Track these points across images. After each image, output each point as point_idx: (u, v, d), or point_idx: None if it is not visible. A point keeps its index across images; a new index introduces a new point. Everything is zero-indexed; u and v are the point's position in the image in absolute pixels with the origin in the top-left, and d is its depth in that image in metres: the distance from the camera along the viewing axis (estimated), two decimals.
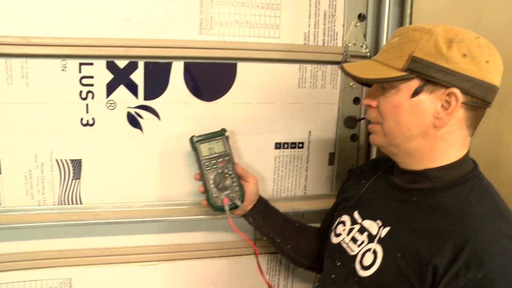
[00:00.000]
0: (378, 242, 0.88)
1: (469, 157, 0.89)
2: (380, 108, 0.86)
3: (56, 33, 1.03)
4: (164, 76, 1.11)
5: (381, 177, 1.00)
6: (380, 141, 0.89)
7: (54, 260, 1.16)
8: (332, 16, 1.20)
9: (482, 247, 0.74)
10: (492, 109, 0.97)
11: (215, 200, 1.07)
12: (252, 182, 1.10)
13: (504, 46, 0.94)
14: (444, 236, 0.78)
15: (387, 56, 0.85)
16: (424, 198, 0.86)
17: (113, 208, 1.15)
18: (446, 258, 0.75)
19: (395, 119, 0.85)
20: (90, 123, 1.10)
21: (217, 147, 1.09)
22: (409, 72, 0.81)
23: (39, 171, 1.10)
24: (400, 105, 0.83)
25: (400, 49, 0.83)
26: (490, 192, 0.84)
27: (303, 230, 1.17)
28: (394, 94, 0.84)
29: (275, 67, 1.18)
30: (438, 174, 0.86)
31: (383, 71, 0.83)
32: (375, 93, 0.88)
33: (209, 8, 1.11)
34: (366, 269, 0.87)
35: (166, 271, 1.23)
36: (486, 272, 0.71)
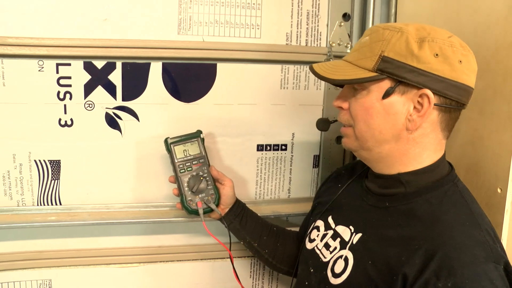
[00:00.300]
0: (350, 249, 0.86)
1: (444, 161, 0.86)
2: (351, 110, 0.83)
3: (32, 33, 1.03)
4: (143, 77, 1.10)
5: (356, 181, 0.97)
6: (352, 144, 0.86)
7: (33, 261, 1.16)
8: (315, 16, 1.17)
9: (453, 255, 0.71)
10: (472, 112, 0.95)
11: (189, 203, 1.06)
12: (228, 185, 1.08)
13: (483, 47, 0.92)
14: (415, 243, 0.75)
15: (357, 56, 0.82)
16: (397, 203, 0.83)
17: (92, 209, 1.14)
18: (416, 267, 0.72)
19: (366, 122, 0.82)
20: (69, 124, 1.09)
21: (192, 149, 1.08)
22: (379, 72, 0.78)
23: (18, 172, 1.10)
24: (371, 107, 0.80)
25: (370, 49, 0.80)
26: (464, 197, 0.81)
27: (281, 235, 1.15)
28: (364, 96, 0.81)
29: (256, 67, 1.16)
30: (411, 179, 0.83)
31: (353, 71, 0.80)
32: (346, 95, 0.85)
33: (188, 8, 1.09)
34: (337, 276, 0.85)
35: (147, 273, 1.22)
36: (455, 281, 0.68)
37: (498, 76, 0.89)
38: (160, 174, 1.16)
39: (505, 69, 0.87)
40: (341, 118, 0.87)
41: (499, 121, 0.89)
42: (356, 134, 0.84)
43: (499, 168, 0.89)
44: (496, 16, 0.89)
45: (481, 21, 0.92)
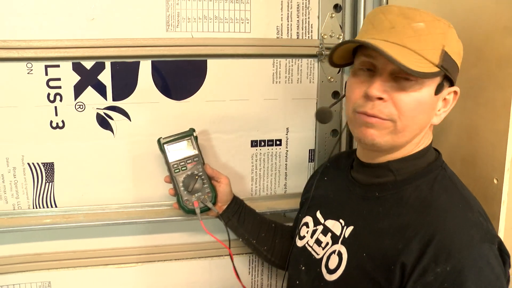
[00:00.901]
0: (342, 243, 0.84)
1: (431, 147, 0.85)
2: (398, 102, 0.75)
3: (20, 36, 1.02)
4: (132, 76, 1.09)
5: (342, 174, 0.96)
6: (383, 139, 0.78)
7: (32, 264, 1.16)
8: (306, 8, 1.15)
9: (449, 239, 0.70)
10: (467, 101, 0.93)
11: (186, 203, 1.05)
12: (224, 183, 1.07)
13: (476, 33, 0.89)
14: (410, 231, 0.74)
15: (420, 45, 0.74)
16: (387, 192, 0.82)
17: (87, 211, 1.14)
18: (413, 254, 0.72)
19: (415, 117, 0.77)
20: (60, 125, 1.09)
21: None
22: (441, 68, 0.75)
23: (12, 175, 1.10)
24: (424, 102, 0.77)
25: (431, 40, 0.74)
26: (453, 181, 0.81)
27: (279, 231, 1.14)
28: (417, 89, 0.75)
29: (247, 62, 1.14)
30: (400, 166, 0.82)
31: (420, 63, 0.73)
32: (385, 84, 0.76)
33: (176, 4, 1.08)
34: (332, 272, 0.83)
35: (145, 272, 1.22)
36: (454, 264, 0.68)
37: (491, 63, 0.86)
38: (154, 173, 1.15)
39: (498, 55, 0.84)
40: (379, 111, 0.76)
41: (494, 110, 0.86)
42: (397, 128, 0.77)
43: (495, 159, 0.86)
44: (487, 1, 0.86)
45: (473, 6, 0.90)
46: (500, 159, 0.85)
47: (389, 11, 0.77)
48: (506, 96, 0.82)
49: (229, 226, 1.09)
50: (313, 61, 1.18)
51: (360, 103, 0.78)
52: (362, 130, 0.79)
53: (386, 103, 0.76)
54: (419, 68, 0.71)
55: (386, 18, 0.76)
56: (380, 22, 0.76)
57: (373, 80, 0.76)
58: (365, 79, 0.79)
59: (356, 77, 0.81)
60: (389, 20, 0.76)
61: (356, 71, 0.81)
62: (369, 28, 0.78)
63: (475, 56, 0.90)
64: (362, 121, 0.78)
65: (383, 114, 0.76)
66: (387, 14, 0.76)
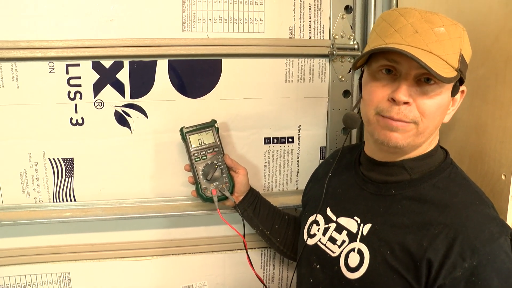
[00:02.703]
0: (361, 241, 0.85)
1: (439, 145, 0.89)
2: (421, 106, 0.78)
3: (43, 36, 1.06)
4: (150, 74, 1.13)
5: (348, 170, 0.98)
6: (406, 141, 0.80)
7: (52, 255, 1.20)
8: (318, 9, 1.18)
9: (473, 235, 0.74)
10: (475, 99, 0.95)
11: (204, 191, 1.09)
12: (242, 174, 1.11)
13: (484, 34, 0.91)
14: (434, 228, 0.77)
15: (442, 50, 0.76)
16: (404, 190, 0.84)
17: (105, 205, 1.18)
18: (440, 251, 0.75)
19: (435, 119, 0.80)
20: (80, 122, 1.13)
21: (206, 138, 1.10)
22: (458, 72, 0.78)
23: (34, 170, 1.14)
24: (444, 104, 0.80)
25: (451, 44, 0.77)
26: (466, 179, 0.85)
27: (292, 223, 1.16)
28: (438, 93, 0.78)
29: (260, 62, 1.17)
30: (415, 165, 0.85)
31: (445, 68, 0.75)
32: (410, 89, 0.78)
33: (192, 6, 1.11)
34: (354, 271, 0.84)
35: (160, 265, 1.25)
36: (480, 258, 0.72)
37: (500, 63, 0.89)
38: (170, 169, 1.19)
39: (506, 55, 0.87)
40: (404, 116, 0.78)
41: (502, 108, 0.89)
42: (418, 131, 0.80)
43: (503, 155, 0.89)
44: (496, 2, 0.88)
45: (481, 8, 0.92)
46: (508, 155, 0.87)
47: (410, 14, 0.78)
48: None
49: (245, 217, 1.13)
50: (325, 61, 1.21)
51: (384, 107, 0.79)
52: (386, 134, 0.80)
53: (410, 107, 0.78)
54: (445, 73, 0.74)
55: (408, 22, 0.77)
56: (403, 26, 0.77)
57: (398, 84, 0.78)
58: (387, 83, 0.80)
59: (377, 80, 0.81)
60: (411, 24, 0.77)
61: (375, 74, 0.82)
62: (390, 32, 0.79)
63: (483, 56, 0.92)
64: (387, 124, 0.80)
65: (408, 118, 0.78)
66: (408, 17, 0.78)
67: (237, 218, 1.14)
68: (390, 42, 0.77)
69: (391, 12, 0.82)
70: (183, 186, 1.20)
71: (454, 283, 0.73)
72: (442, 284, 0.74)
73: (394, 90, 0.78)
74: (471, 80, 0.94)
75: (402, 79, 0.78)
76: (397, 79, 0.79)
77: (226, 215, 1.12)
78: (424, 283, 0.76)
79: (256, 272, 1.14)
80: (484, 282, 0.72)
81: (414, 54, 0.72)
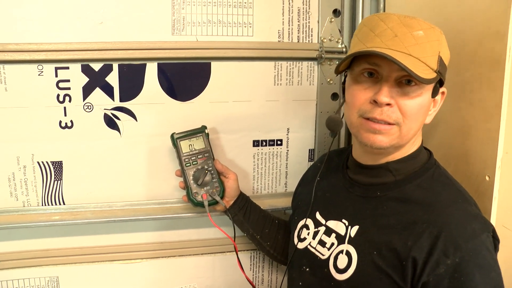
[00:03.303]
0: (349, 242, 0.87)
1: (423, 146, 0.91)
2: (403, 107, 0.80)
3: (31, 39, 1.06)
4: (139, 77, 1.13)
5: (336, 173, 0.99)
6: (390, 143, 0.82)
7: (40, 259, 1.20)
8: (306, 13, 1.20)
9: (455, 232, 0.76)
10: (460, 101, 0.97)
11: (194, 195, 1.09)
12: (232, 178, 1.12)
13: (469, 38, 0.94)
14: (418, 227, 0.79)
15: (421, 52, 0.79)
16: (389, 191, 0.86)
17: (94, 208, 1.18)
18: (424, 249, 0.77)
19: (417, 120, 0.82)
20: (69, 125, 1.13)
21: (197, 143, 1.11)
22: (438, 73, 0.80)
23: (22, 173, 1.13)
24: (425, 105, 0.83)
25: (430, 47, 0.79)
26: (449, 178, 0.87)
27: (282, 227, 1.17)
28: (419, 94, 0.80)
29: (249, 65, 1.18)
30: (399, 166, 0.87)
31: (425, 69, 0.78)
32: (391, 90, 0.80)
33: (181, 9, 1.12)
34: (342, 272, 0.86)
35: (150, 268, 1.25)
36: (462, 255, 0.75)
37: (483, 67, 0.91)
38: (160, 172, 1.19)
39: (490, 58, 0.89)
40: (387, 116, 0.80)
41: (486, 110, 0.91)
42: (401, 133, 0.82)
43: (487, 156, 0.90)
44: (479, 7, 0.91)
45: (466, 12, 0.94)
46: (492, 157, 0.89)
47: (389, 19, 0.80)
48: (497, 97, 0.87)
49: (235, 221, 1.13)
50: (313, 64, 1.22)
51: (367, 109, 0.82)
52: (369, 137, 0.82)
53: (392, 108, 0.80)
54: (425, 75, 0.76)
55: (388, 27, 0.80)
56: (383, 31, 0.80)
57: (380, 86, 0.80)
58: (369, 86, 0.82)
59: (359, 83, 0.84)
60: (390, 29, 0.79)
61: (357, 77, 0.84)
62: (371, 36, 0.81)
63: (468, 60, 0.94)
64: (370, 127, 0.82)
65: (391, 119, 0.80)
66: (388, 22, 0.80)
67: (228, 221, 1.14)
68: (371, 46, 0.80)
69: (371, 17, 0.84)
70: (173, 189, 1.20)
71: (438, 279, 0.75)
72: (426, 281, 0.76)
73: (376, 92, 0.80)
74: (456, 83, 0.97)
75: (384, 82, 0.80)
76: (378, 82, 0.81)
77: (217, 218, 1.13)
78: (410, 281, 0.77)
79: (246, 275, 1.14)
80: (467, 277, 0.74)
81: (394, 57, 0.75)
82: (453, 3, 0.97)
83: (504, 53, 0.84)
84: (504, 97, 0.85)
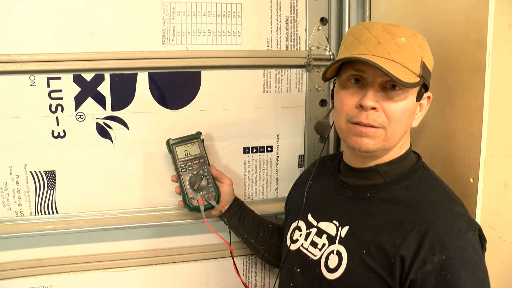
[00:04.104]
0: (340, 242, 0.90)
1: (411, 149, 0.94)
2: (388, 111, 0.83)
3: (23, 50, 1.07)
4: (130, 87, 1.15)
5: (328, 177, 1.02)
6: (376, 146, 0.86)
7: (34, 269, 1.20)
8: (294, 21, 1.22)
9: (442, 231, 0.79)
10: (445, 106, 1.00)
11: (191, 200, 1.11)
12: (227, 184, 1.14)
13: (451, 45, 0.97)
14: (406, 226, 0.82)
15: (403, 58, 0.82)
16: (378, 193, 0.89)
17: (87, 217, 1.19)
18: (411, 248, 0.79)
19: (402, 123, 0.85)
20: (61, 135, 1.14)
21: (192, 149, 1.13)
22: (421, 78, 0.84)
23: (15, 183, 1.14)
24: (409, 109, 0.86)
25: (413, 53, 0.83)
26: (437, 179, 0.90)
27: (276, 231, 1.19)
28: (402, 97, 0.84)
29: (239, 73, 1.21)
30: (388, 169, 0.90)
31: (407, 74, 0.81)
32: (376, 95, 0.83)
33: (171, 19, 1.14)
34: (333, 271, 0.88)
35: (143, 275, 1.26)
36: (448, 253, 0.77)
37: (465, 72, 0.93)
38: (152, 180, 1.21)
39: (471, 65, 0.92)
40: (373, 120, 0.83)
41: (469, 114, 0.94)
42: (387, 135, 0.85)
43: (471, 159, 0.93)
44: (460, 16, 0.94)
45: (447, 20, 0.97)
46: (475, 159, 0.92)
47: (373, 27, 0.85)
48: (478, 102, 0.90)
49: (230, 226, 1.15)
50: (302, 71, 1.25)
51: (353, 114, 0.85)
52: (357, 140, 0.86)
53: (378, 112, 0.83)
54: (407, 79, 0.80)
55: (371, 35, 0.84)
56: (367, 38, 0.84)
57: (365, 91, 0.84)
58: (355, 91, 0.86)
59: (346, 89, 0.87)
60: (374, 36, 0.83)
61: (344, 84, 0.88)
62: (356, 44, 0.85)
63: (451, 65, 0.97)
64: (357, 131, 0.85)
65: (377, 123, 0.83)
66: (372, 30, 0.84)
67: (222, 226, 1.16)
68: (356, 53, 0.83)
69: (356, 26, 0.89)
70: (166, 196, 1.21)
71: (425, 277, 0.77)
72: (414, 279, 0.78)
73: (362, 97, 0.84)
74: (441, 88, 0.99)
75: (369, 87, 0.83)
76: (364, 87, 0.85)
77: (211, 224, 1.14)
78: (398, 279, 0.80)
79: (242, 279, 1.16)
80: (453, 274, 0.76)
81: (377, 63, 0.78)
82: (435, 12, 1.01)
83: (483, 59, 0.87)
84: (485, 101, 0.88)
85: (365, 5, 1.22)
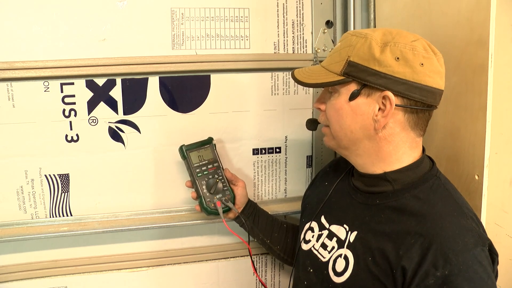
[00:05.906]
0: (348, 247, 0.90)
1: (425, 157, 0.91)
2: (326, 111, 0.92)
3: (37, 57, 1.11)
4: (141, 91, 1.18)
5: (343, 179, 1.02)
6: (330, 142, 0.94)
7: (49, 270, 1.23)
8: (300, 25, 1.25)
9: (446, 245, 0.77)
10: (449, 105, 1.02)
11: (208, 204, 1.13)
12: (241, 186, 1.17)
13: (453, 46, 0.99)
14: (410, 237, 0.81)
15: (329, 61, 0.90)
16: (387, 200, 0.88)
17: (101, 218, 1.21)
18: (414, 260, 0.78)
19: (339, 122, 0.89)
20: (75, 139, 1.17)
21: (205, 154, 1.16)
22: (345, 76, 0.85)
23: (30, 187, 1.17)
24: (341, 109, 0.88)
25: (339, 54, 0.87)
26: (448, 189, 0.87)
27: (291, 230, 1.21)
28: (336, 98, 0.88)
29: (247, 76, 1.23)
30: (397, 177, 0.88)
31: (324, 75, 0.88)
32: (324, 97, 0.93)
33: (180, 24, 1.17)
34: (340, 275, 0.89)
35: (156, 275, 1.29)
36: (451, 268, 0.75)
37: (468, 72, 0.96)
38: (164, 182, 1.24)
39: (473, 65, 0.94)
40: (320, 119, 0.95)
41: (472, 113, 0.95)
42: (332, 134, 0.92)
43: (475, 157, 0.95)
44: (462, 17, 0.96)
45: (449, 22, 1.00)
46: (480, 157, 0.93)
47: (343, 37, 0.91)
48: (482, 101, 0.92)
49: (245, 227, 1.17)
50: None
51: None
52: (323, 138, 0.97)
53: (323, 112, 0.93)
54: (318, 80, 0.88)
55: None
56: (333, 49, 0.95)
57: None
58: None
59: None
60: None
61: None
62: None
63: (454, 66, 0.99)
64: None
65: (322, 121, 0.94)
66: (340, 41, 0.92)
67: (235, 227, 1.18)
68: None
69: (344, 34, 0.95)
70: (177, 197, 1.24)
71: None
72: None
73: None
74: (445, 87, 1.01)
75: (323, 90, 0.94)
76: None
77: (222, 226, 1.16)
78: None
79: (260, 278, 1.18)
80: None
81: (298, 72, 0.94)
82: (438, 14, 1.03)
83: (486, 59, 0.89)
84: (489, 100, 0.90)
85: (369, 8, 1.25)
